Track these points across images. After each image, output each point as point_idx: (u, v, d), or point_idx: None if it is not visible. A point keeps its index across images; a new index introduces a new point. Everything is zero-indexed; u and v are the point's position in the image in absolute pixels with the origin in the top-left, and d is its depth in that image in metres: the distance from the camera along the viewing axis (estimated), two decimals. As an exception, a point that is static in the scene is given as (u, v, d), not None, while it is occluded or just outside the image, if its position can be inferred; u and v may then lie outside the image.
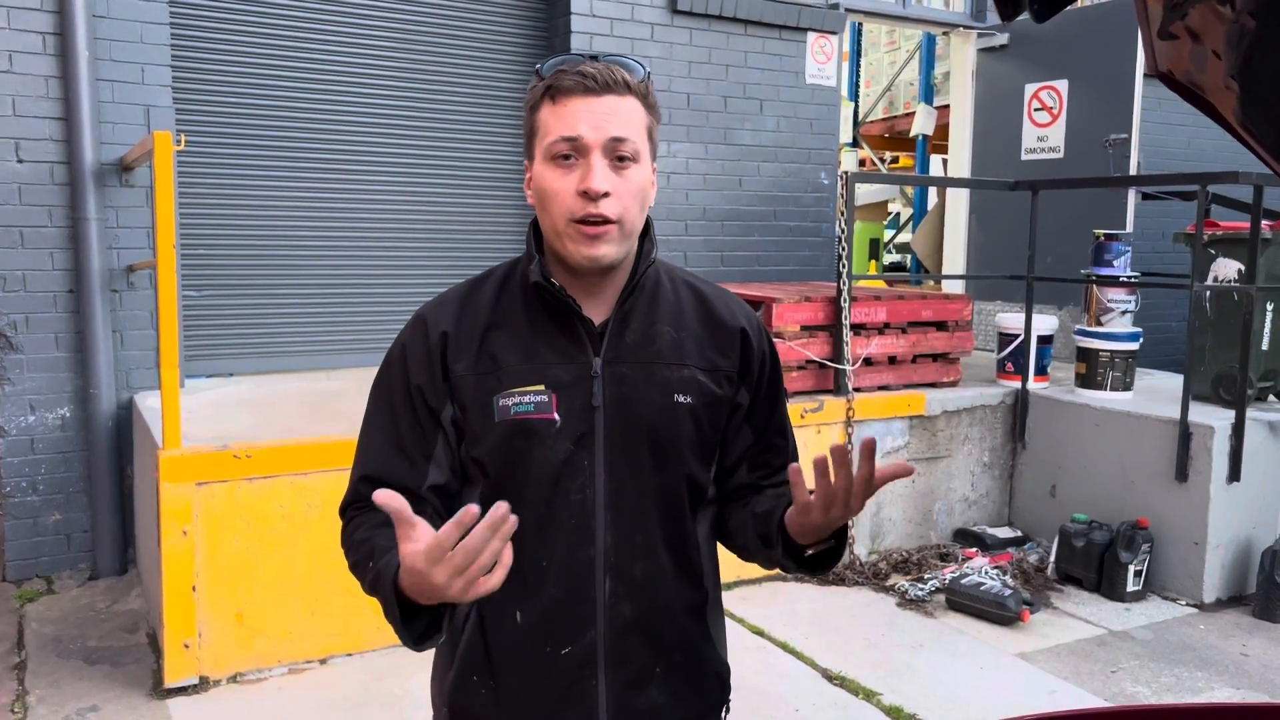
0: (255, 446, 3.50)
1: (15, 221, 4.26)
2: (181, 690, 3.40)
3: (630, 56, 1.39)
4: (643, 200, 1.37)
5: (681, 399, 1.41)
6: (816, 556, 1.40)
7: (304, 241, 5.09)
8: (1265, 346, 4.73)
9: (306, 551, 3.58)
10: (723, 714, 1.55)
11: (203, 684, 3.43)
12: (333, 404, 4.31)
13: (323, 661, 3.64)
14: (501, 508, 1.10)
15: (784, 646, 3.90)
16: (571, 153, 1.31)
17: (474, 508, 1.07)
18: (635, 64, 1.37)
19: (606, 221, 1.32)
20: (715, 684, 1.52)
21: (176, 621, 3.39)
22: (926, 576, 4.55)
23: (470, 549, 1.09)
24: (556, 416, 1.36)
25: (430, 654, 1.46)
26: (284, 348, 5.09)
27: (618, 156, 1.32)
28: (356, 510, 1.42)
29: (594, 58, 1.34)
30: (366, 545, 1.34)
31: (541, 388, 1.37)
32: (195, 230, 4.76)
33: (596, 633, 1.39)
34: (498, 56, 5.50)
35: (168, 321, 3.38)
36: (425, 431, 1.40)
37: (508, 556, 1.13)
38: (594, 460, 1.38)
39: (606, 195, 1.31)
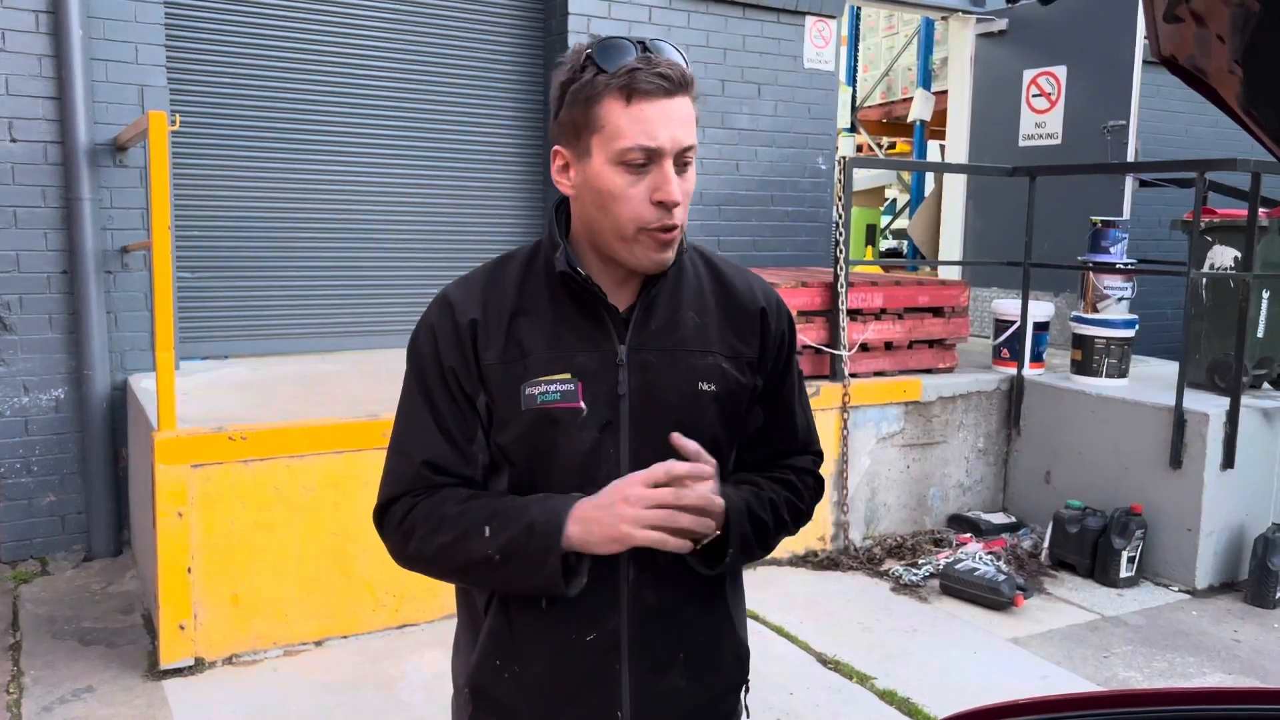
0: (251, 429, 3.50)
1: (8, 201, 4.23)
2: (177, 671, 3.40)
3: (668, 41, 1.34)
4: None
5: (706, 387, 1.41)
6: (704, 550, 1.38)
7: (300, 223, 5.07)
8: (1260, 334, 4.74)
9: (302, 534, 3.58)
10: (742, 693, 1.55)
11: (198, 665, 3.44)
12: (328, 387, 4.30)
13: (318, 643, 3.65)
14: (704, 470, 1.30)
15: (779, 630, 3.92)
16: (647, 161, 1.29)
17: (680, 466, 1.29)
18: (679, 51, 1.34)
19: (675, 228, 1.33)
20: (735, 665, 1.52)
21: (172, 603, 3.39)
22: (921, 562, 4.57)
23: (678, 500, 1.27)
24: (582, 405, 1.36)
25: (441, 635, 1.45)
26: (280, 330, 5.08)
27: (683, 162, 1.32)
28: (418, 496, 1.38)
29: (642, 44, 1.30)
30: (482, 508, 1.33)
31: (567, 376, 1.36)
32: (190, 211, 4.74)
33: (620, 620, 1.39)
34: (495, 37, 5.47)
35: (162, 303, 3.37)
36: (465, 415, 1.38)
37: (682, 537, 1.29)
38: (619, 448, 1.37)
39: (678, 204, 1.31)
